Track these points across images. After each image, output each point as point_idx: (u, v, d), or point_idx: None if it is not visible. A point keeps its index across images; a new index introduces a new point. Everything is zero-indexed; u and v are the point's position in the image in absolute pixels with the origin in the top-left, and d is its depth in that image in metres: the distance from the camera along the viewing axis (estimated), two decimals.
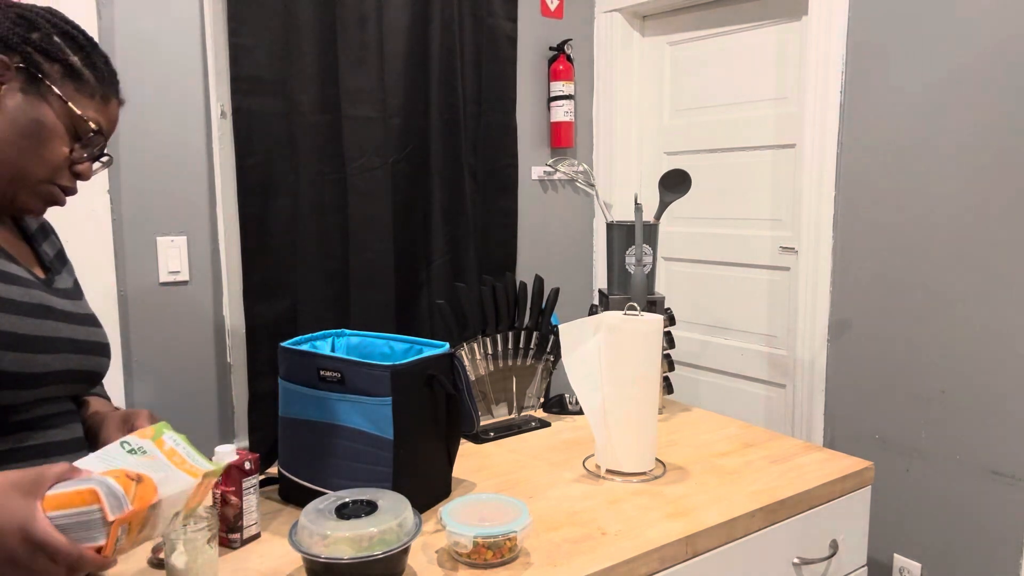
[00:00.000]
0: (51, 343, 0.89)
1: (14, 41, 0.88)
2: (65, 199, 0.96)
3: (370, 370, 1.17)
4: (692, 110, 2.55)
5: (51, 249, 1.05)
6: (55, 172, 0.92)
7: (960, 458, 1.87)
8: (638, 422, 1.39)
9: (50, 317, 0.90)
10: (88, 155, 0.94)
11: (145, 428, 0.86)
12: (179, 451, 0.84)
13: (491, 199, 2.41)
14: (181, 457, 0.84)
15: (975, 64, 1.78)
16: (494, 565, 1.06)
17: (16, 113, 0.87)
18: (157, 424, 0.88)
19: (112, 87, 0.97)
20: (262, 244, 1.98)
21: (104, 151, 0.97)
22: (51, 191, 0.93)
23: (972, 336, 1.83)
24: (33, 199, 0.92)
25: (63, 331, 0.92)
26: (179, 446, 0.85)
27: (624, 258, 1.77)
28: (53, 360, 0.89)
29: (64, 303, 0.95)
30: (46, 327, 0.89)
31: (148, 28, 1.83)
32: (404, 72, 2.18)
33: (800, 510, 1.33)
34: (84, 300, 1.03)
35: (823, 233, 2.09)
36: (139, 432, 0.85)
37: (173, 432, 0.87)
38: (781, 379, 2.33)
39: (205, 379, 1.98)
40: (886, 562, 2.05)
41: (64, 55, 0.91)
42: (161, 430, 0.86)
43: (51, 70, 0.89)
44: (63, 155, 0.91)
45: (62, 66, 0.90)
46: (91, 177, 0.97)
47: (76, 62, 0.92)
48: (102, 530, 0.73)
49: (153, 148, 1.85)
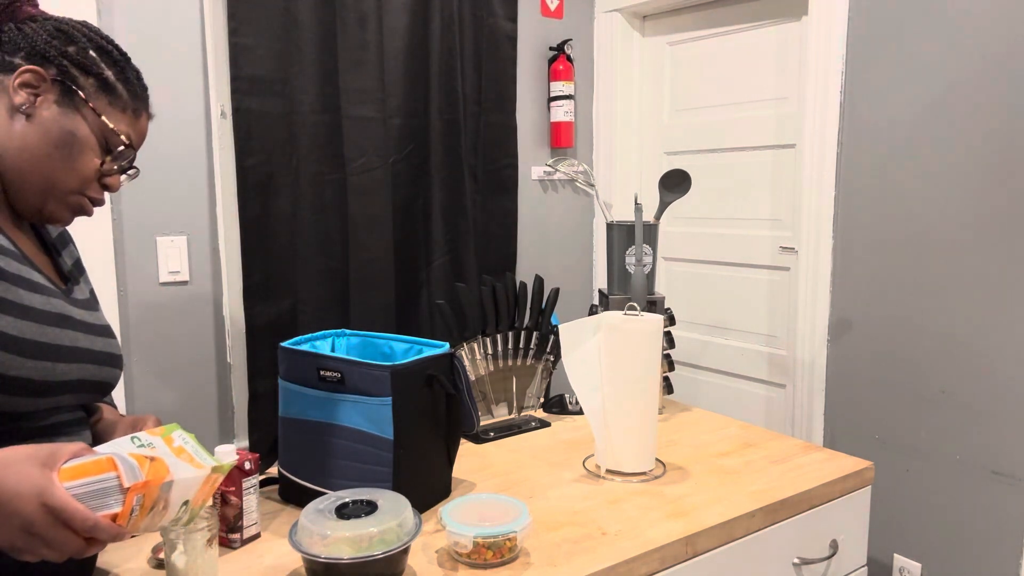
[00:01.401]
0: (70, 352, 0.89)
1: (52, 54, 0.89)
2: (93, 210, 0.97)
3: (370, 370, 1.17)
4: (692, 110, 2.55)
5: (70, 259, 1.06)
6: (85, 183, 0.93)
7: (960, 458, 1.87)
8: (638, 422, 1.39)
9: (69, 327, 0.90)
10: (118, 168, 0.96)
11: (155, 428, 0.87)
12: (187, 449, 0.85)
13: (491, 199, 2.41)
14: (189, 455, 0.85)
15: (975, 64, 1.78)
16: (494, 565, 1.06)
17: (50, 124, 0.89)
18: (167, 425, 0.89)
19: (143, 102, 0.98)
20: (262, 244, 1.98)
21: (132, 164, 0.99)
22: (80, 202, 0.95)
23: (972, 336, 1.83)
24: (62, 209, 0.94)
25: (81, 341, 0.92)
26: (187, 444, 0.86)
27: (624, 258, 1.77)
28: (71, 369, 0.89)
29: (83, 313, 0.95)
30: (66, 337, 0.89)
31: (148, 28, 1.83)
32: (404, 72, 2.18)
33: (800, 510, 1.33)
34: (100, 311, 1.04)
35: (823, 233, 2.09)
36: (149, 431, 0.85)
37: (183, 431, 0.88)
38: (781, 379, 2.33)
39: (205, 379, 1.98)
40: (886, 562, 2.05)
41: (99, 69, 0.92)
42: (171, 430, 0.87)
43: (86, 83, 0.91)
44: (94, 167, 0.93)
45: (96, 80, 0.92)
46: (119, 189, 0.99)
47: (111, 76, 0.93)
48: (118, 497, 0.74)
49: (153, 148, 1.85)
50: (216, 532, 0.99)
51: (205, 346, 1.97)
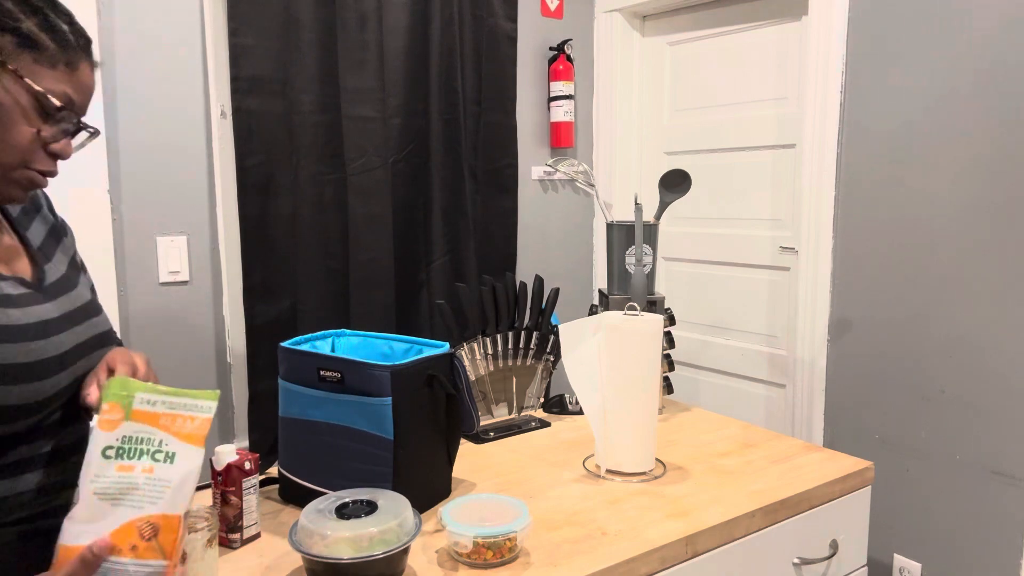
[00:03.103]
0: (57, 362, 0.84)
1: None
2: (47, 181, 0.86)
3: (370, 370, 1.17)
4: (692, 110, 2.55)
5: (43, 226, 0.96)
6: (27, 156, 0.82)
7: (960, 458, 1.87)
8: (638, 422, 1.39)
9: (52, 332, 0.84)
10: (61, 132, 0.83)
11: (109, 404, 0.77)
12: (161, 410, 0.75)
13: (491, 199, 2.41)
14: (170, 416, 0.75)
15: (975, 64, 1.78)
16: (494, 565, 1.06)
17: None
18: (116, 391, 0.77)
19: (78, 51, 0.83)
20: (262, 244, 1.98)
21: (81, 124, 0.85)
22: (28, 176, 0.83)
23: (972, 336, 1.83)
24: (10, 187, 0.83)
25: (66, 342, 0.86)
26: (157, 404, 0.76)
27: (624, 258, 1.77)
28: (60, 379, 0.85)
29: (61, 303, 0.89)
30: (50, 346, 0.83)
31: (148, 28, 1.83)
32: (404, 72, 2.18)
33: (800, 510, 1.33)
34: (79, 287, 0.95)
35: (823, 233, 2.09)
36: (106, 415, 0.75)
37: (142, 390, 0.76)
38: (781, 379, 2.33)
39: (205, 379, 1.97)
40: (886, 562, 2.05)
41: (14, 22, 0.78)
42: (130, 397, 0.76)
43: (1, 42, 0.77)
44: (30, 137, 0.80)
45: (13, 35, 0.78)
46: (72, 154, 0.86)
47: (31, 28, 0.79)
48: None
49: (153, 148, 1.85)
50: (216, 532, 0.99)
51: (205, 346, 1.97)
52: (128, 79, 1.81)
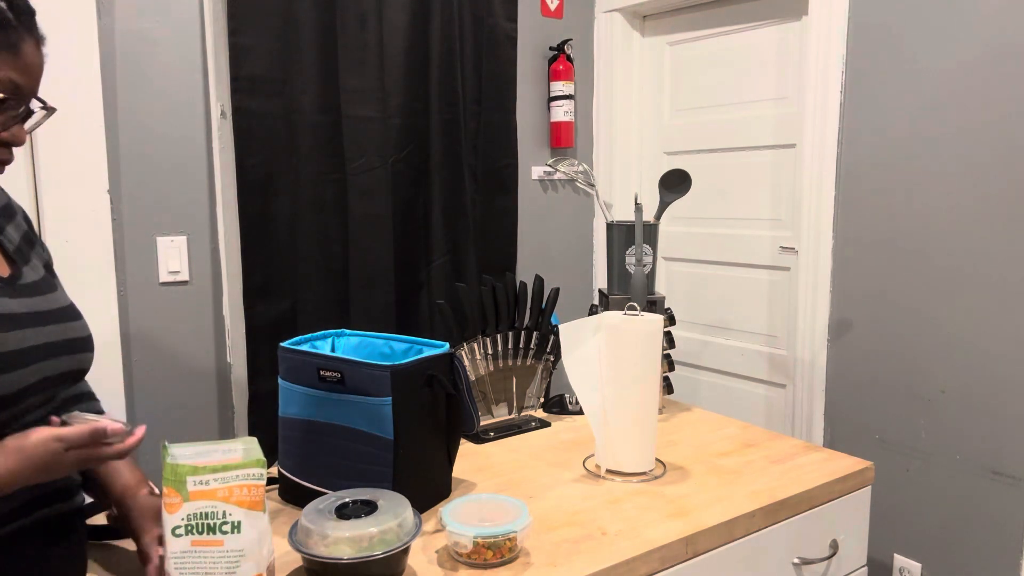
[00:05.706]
0: (18, 357, 0.79)
1: None
2: (3, 168, 0.83)
3: (370, 370, 1.17)
4: (692, 110, 2.55)
5: (16, 232, 0.93)
6: None
7: (960, 458, 1.87)
8: (638, 422, 1.39)
9: (14, 327, 0.80)
10: (10, 120, 0.79)
11: (167, 488, 0.78)
12: (216, 486, 0.78)
13: (491, 199, 2.41)
14: (227, 489, 0.78)
15: (976, 64, 1.78)
16: (494, 565, 1.06)
17: None
18: (168, 476, 0.79)
19: (18, 31, 0.77)
20: (262, 244, 1.98)
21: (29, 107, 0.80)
22: None
23: (972, 336, 1.83)
24: None
25: (30, 339, 0.82)
26: (210, 483, 0.78)
27: (624, 258, 1.77)
28: (23, 375, 0.80)
29: (31, 302, 0.85)
30: (10, 340, 0.79)
31: (148, 28, 1.83)
32: (404, 72, 2.18)
33: (800, 510, 1.33)
34: (58, 291, 0.93)
35: (823, 233, 2.09)
36: (167, 499, 0.77)
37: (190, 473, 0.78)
38: (781, 379, 2.33)
39: (205, 379, 1.98)
40: (886, 562, 2.05)
41: None
42: (180, 482, 0.78)
43: None
44: None
45: None
46: (25, 140, 0.82)
47: None
48: None
49: (153, 148, 1.85)
50: None
51: (205, 346, 1.97)
52: (128, 79, 1.81)
